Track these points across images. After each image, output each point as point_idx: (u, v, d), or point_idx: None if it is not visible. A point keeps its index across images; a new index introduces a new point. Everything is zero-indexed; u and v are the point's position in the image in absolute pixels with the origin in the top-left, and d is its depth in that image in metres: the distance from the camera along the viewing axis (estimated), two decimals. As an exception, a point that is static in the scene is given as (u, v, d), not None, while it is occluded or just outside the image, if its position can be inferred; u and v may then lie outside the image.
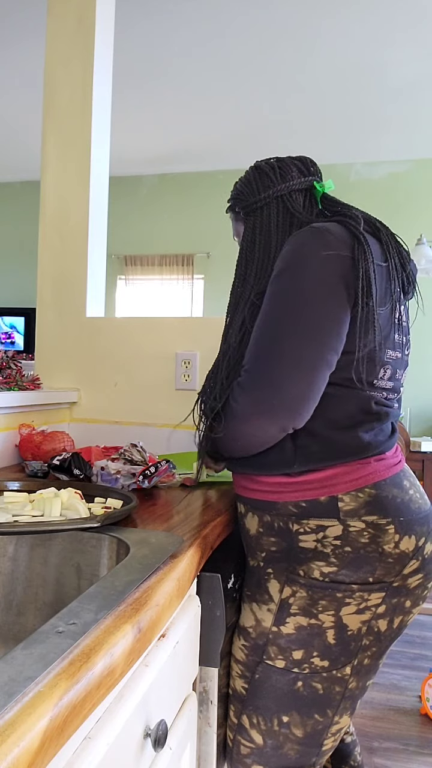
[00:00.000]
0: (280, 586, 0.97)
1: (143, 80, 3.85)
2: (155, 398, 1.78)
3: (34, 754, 0.43)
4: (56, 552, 0.96)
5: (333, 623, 0.94)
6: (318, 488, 0.95)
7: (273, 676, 0.98)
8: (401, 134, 4.54)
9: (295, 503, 0.97)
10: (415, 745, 1.89)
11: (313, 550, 0.95)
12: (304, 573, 0.95)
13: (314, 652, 0.95)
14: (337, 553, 0.93)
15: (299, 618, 0.95)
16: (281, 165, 1.08)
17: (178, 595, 0.79)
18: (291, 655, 0.96)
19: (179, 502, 1.19)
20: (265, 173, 1.09)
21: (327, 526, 0.94)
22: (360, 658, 0.96)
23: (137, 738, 0.67)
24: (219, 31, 3.29)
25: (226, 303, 1.09)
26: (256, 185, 1.09)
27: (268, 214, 1.06)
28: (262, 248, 1.04)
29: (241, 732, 1.01)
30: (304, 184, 1.07)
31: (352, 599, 0.94)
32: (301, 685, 0.96)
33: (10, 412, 1.57)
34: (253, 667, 0.99)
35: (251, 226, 1.07)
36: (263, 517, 1.01)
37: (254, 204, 1.08)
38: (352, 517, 0.93)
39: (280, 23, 3.21)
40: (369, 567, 0.93)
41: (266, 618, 0.98)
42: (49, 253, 1.91)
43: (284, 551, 0.98)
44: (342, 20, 3.15)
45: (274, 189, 1.06)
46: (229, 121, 4.42)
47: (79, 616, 0.61)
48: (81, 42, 1.88)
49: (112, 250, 5.38)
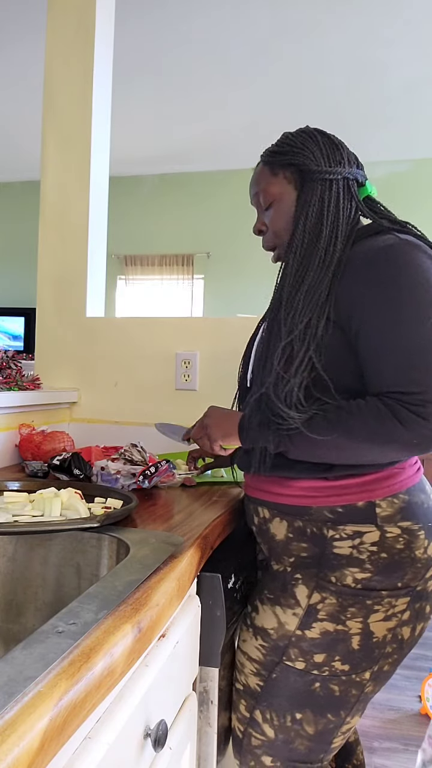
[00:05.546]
0: (308, 591, 0.96)
1: (143, 80, 3.85)
2: (155, 398, 1.78)
3: (34, 754, 0.43)
4: (56, 552, 0.96)
5: (360, 630, 0.94)
6: (356, 493, 0.94)
7: (291, 677, 0.97)
8: (401, 134, 4.54)
9: (331, 508, 0.95)
10: (415, 745, 1.89)
11: (348, 556, 0.93)
12: (336, 579, 0.94)
13: (336, 656, 0.95)
14: (373, 559, 0.93)
15: (326, 624, 0.95)
16: (344, 147, 1.02)
17: (179, 595, 0.79)
18: (312, 658, 0.96)
19: (179, 502, 1.19)
20: (336, 147, 1.01)
21: (364, 532, 0.93)
22: (381, 665, 0.96)
23: (137, 738, 0.67)
24: (219, 32, 3.29)
25: (226, 303, 1.07)
26: (327, 154, 1.00)
27: (337, 191, 0.99)
28: (329, 227, 0.97)
29: (253, 725, 1.01)
30: (362, 177, 1.02)
31: (380, 606, 0.93)
32: (319, 686, 0.96)
33: (10, 412, 1.57)
34: (270, 666, 0.99)
35: (318, 197, 0.98)
36: (294, 522, 0.99)
37: (325, 174, 0.99)
38: (388, 523, 0.93)
39: (280, 25, 3.20)
40: (400, 573, 0.93)
41: (290, 621, 0.97)
42: (49, 253, 1.91)
43: (315, 557, 0.96)
44: (343, 20, 3.15)
45: (346, 170, 0.99)
46: (230, 121, 4.42)
47: (79, 616, 0.61)
48: (81, 42, 1.88)
49: (112, 250, 5.38)
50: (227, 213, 5.25)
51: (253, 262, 4.91)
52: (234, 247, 5.23)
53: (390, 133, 4.50)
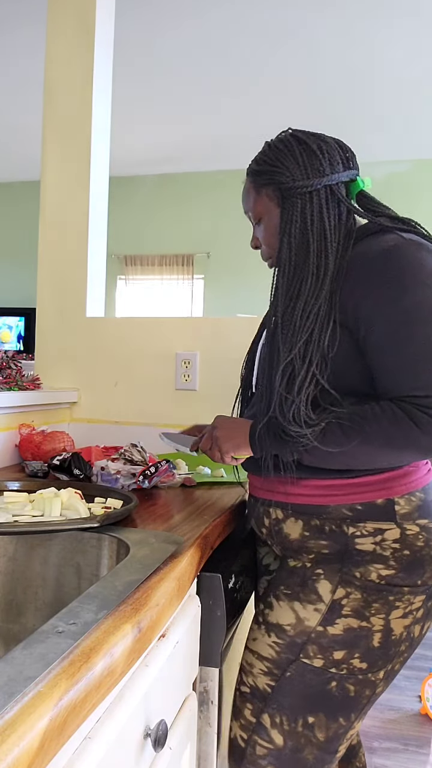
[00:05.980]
0: (332, 586, 0.95)
1: (143, 80, 3.85)
2: (155, 398, 1.78)
3: (34, 754, 0.43)
4: (56, 552, 0.96)
5: (382, 627, 0.93)
6: (375, 490, 0.94)
7: (307, 675, 0.95)
8: (401, 134, 4.54)
9: (350, 506, 0.95)
10: (415, 745, 1.89)
11: (372, 552, 0.93)
12: (361, 575, 0.93)
13: (356, 653, 0.94)
14: (397, 556, 0.93)
15: (350, 620, 0.93)
16: (328, 149, 0.99)
17: (179, 595, 0.79)
18: (331, 655, 0.94)
19: (179, 502, 1.19)
20: (314, 153, 0.98)
21: (385, 529, 0.93)
22: (394, 663, 0.96)
23: (137, 738, 0.67)
24: (219, 31, 3.29)
25: (226, 303, 1.06)
26: (304, 166, 0.98)
27: (318, 202, 0.97)
28: (316, 240, 0.96)
29: (259, 731, 0.97)
30: (348, 177, 1.00)
31: (401, 603, 0.93)
32: (335, 685, 0.94)
33: (10, 412, 1.57)
34: (284, 664, 0.96)
35: (299, 212, 0.97)
36: (310, 521, 0.98)
37: (302, 188, 0.97)
38: (407, 520, 0.93)
39: (280, 24, 3.21)
40: (421, 570, 0.93)
41: (311, 617, 0.95)
42: (49, 253, 1.91)
43: (338, 553, 0.95)
44: (343, 20, 3.15)
45: (326, 178, 0.97)
46: (229, 121, 4.42)
47: (79, 616, 0.61)
48: (81, 42, 1.88)
49: (112, 250, 5.37)
50: (227, 213, 5.25)
51: (253, 262, 4.87)
52: (234, 247, 5.22)
53: (390, 133, 4.50)
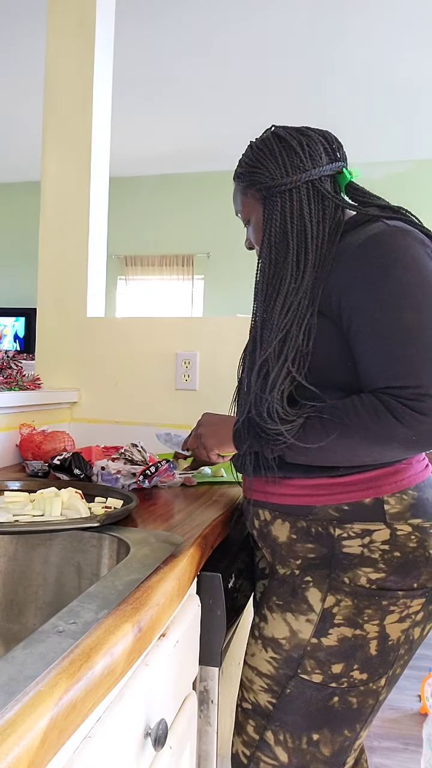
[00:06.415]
0: (321, 594, 0.90)
1: (143, 80, 3.85)
2: (155, 398, 1.78)
3: (35, 753, 0.43)
4: (57, 551, 0.96)
5: (377, 633, 0.89)
6: (363, 489, 0.90)
7: (307, 692, 0.91)
8: (401, 134, 4.54)
9: (336, 506, 0.91)
10: (415, 745, 1.89)
11: (360, 555, 0.89)
12: (350, 580, 0.89)
13: (355, 665, 0.90)
14: (386, 558, 0.88)
15: (343, 629, 0.89)
16: (309, 143, 0.97)
17: (179, 595, 0.79)
18: (330, 669, 0.90)
19: (179, 502, 1.19)
20: (293, 151, 0.96)
21: (373, 530, 0.89)
22: (394, 668, 0.92)
23: (137, 737, 0.67)
24: (219, 32, 3.29)
25: (226, 303, 1.07)
26: (283, 164, 0.96)
27: (299, 198, 0.95)
28: (295, 237, 0.94)
29: (263, 749, 0.93)
30: (333, 170, 0.97)
31: (396, 607, 0.89)
32: (337, 700, 0.90)
33: (11, 412, 1.57)
34: (284, 681, 0.92)
35: (279, 211, 0.96)
36: (296, 522, 0.94)
37: (281, 187, 0.95)
38: (398, 520, 0.89)
39: (280, 25, 3.21)
40: (416, 572, 0.89)
41: (304, 629, 0.91)
42: (49, 253, 1.91)
43: (325, 558, 0.91)
44: (342, 21, 3.16)
45: (306, 174, 0.95)
46: (230, 121, 4.42)
47: (80, 615, 0.61)
48: (81, 42, 1.88)
49: (112, 251, 5.38)
50: (227, 213, 5.23)
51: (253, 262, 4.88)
52: (234, 247, 5.22)
53: (390, 133, 4.50)
